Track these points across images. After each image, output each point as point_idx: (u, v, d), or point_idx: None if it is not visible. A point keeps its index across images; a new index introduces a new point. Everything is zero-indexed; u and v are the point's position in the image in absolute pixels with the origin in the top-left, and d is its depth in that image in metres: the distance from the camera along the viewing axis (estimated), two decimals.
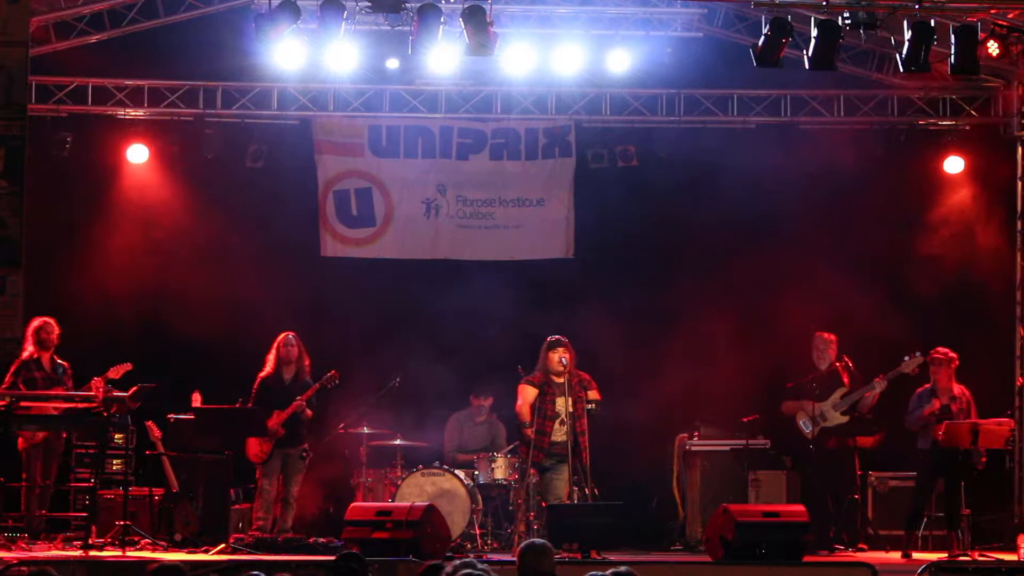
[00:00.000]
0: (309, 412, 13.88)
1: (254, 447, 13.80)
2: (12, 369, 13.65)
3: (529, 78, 15.45)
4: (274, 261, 15.81)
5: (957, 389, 13.86)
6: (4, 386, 13.56)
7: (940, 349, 13.94)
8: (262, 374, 14.04)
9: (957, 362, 13.86)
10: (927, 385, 13.92)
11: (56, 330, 13.86)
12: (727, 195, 15.83)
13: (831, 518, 14.19)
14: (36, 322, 13.75)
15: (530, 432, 13.62)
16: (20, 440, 13.68)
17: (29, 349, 13.68)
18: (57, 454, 13.92)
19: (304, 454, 13.90)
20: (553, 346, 13.52)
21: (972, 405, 13.85)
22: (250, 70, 15.37)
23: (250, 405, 13.78)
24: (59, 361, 13.91)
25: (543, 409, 13.50)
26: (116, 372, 13.75)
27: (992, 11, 13.40)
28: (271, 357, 14.05)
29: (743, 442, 14.71)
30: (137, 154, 15.97)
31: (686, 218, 16.11)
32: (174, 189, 16.03)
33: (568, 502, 13.17)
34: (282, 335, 14.06)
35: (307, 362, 14.09)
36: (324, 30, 13.21)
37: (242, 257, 15.75)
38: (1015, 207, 15.75)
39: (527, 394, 13.60)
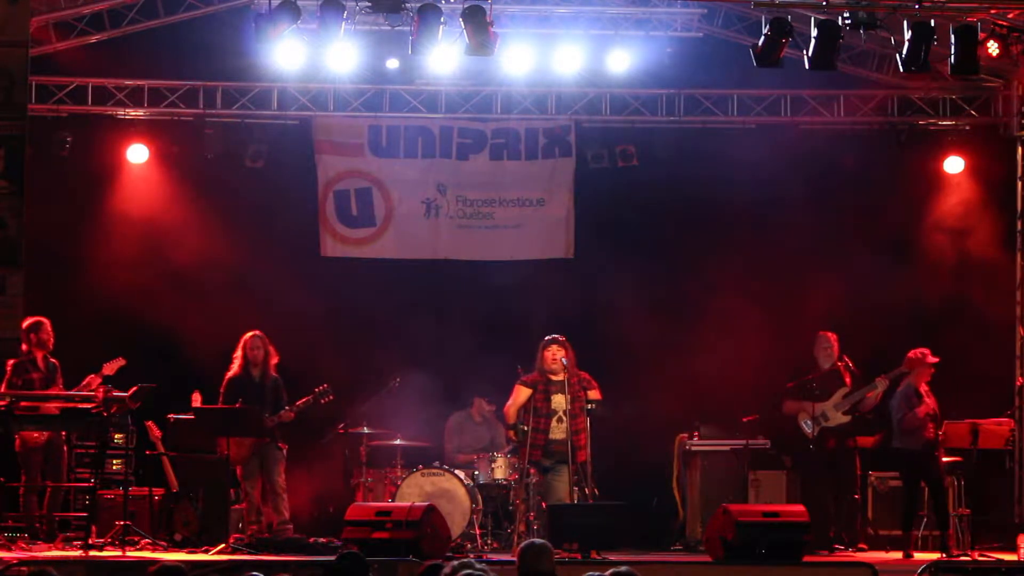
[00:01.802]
0: (292, 415, 13.81)
1: (231, 448, 13.67)
2: (8, 370, 13.63)
3: (529, 78, 15.46)
4: (274, 261, 15.81)
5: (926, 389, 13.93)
6: (3, 386, 13.54)
7: (927, 351, 13.93)
8: (229, 374, 13.92)
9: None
10: (904, 385, 13.91)
11: (50, 329, 13.82)
12: (727, 195, 15.86)
13: (831, 518, 14.18)
14: (28, 321, 13.71)
15: (512, 434, 13.65)
16: (17, 442, 13.65)
17: (22, 348, 13.66)
18: (62, 454, 13.88)
19: (278, 445, 13.81)
20: (547, 345, 13.51)
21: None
22: (250, 70, 15.37)
23: (220, 405, 13.72)
24: (51, 360, 13.89)
25: (537, 407, 13.49)
26: (110, 368, 13.75)
27: (992, 11, 13.40)
28: (237, 356, 13.96)
29: (743, 442, 14.71)
30: (137, 154, 15.97)
31: (686, 218, 16.12)
32: (174, 189, 16.02)
33: (569, 502, 13.17)
34: (248, 335, 13.95)
35: (274, 361, 13.97)
36: (324, 30, 13.21)
37: (242, 257, 15.75)
38: (1015, 207, 15.75)
39: (518, 395, 13.58)
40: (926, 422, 13.74)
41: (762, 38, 13.07)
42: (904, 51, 12.92)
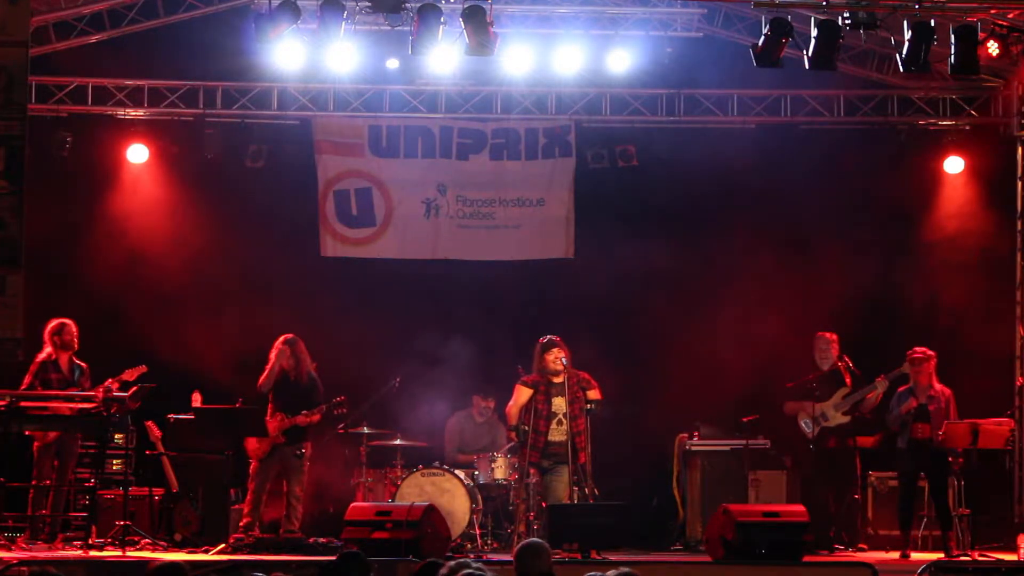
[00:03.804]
0: (315, 417, 13.81)
1: (252, 443, 13.76)
2: (32, 370, 13.64)
3: (529, 78, 15.46)
4: (274, 261, 15.81)
5: (937, 388, 13.86)
6: (23, 387, 13.56)
7: (918, 348, 13.94)
8: (268, 366, 13.96)
9: (935, 360, 13.86)
10: (908, 384, 13.93)
11: (74, 331, 13.82)
12: (727, 195, 15.87)
13: (831, 518, 14.18)
14: (53, 323, 13.76)
15: (514, 436, 13.67)
16: (36, 442, 13.67)
17: (47, 350, 13.69)
18: (73, 455, 13.88)
19: (299, 452, 13.84)
20: (547, 347, 13.49)
21: (952, 404, 13.85)
22: (250, 70, 15.38)
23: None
24: (77, 362, 13.87)
25: (538, 409, 13.48)
26: (131, 374, 13.74)
27: (992, 11, 13.39)
28: (272, 358, 13.98)
29: (743, 442, 14.71)
30: (137, 154, 15.97)
31: (686, 218, 16.11)
32: (174, 189, 16.03)
33: (568, 503, 13.17)
34: (280, 341, 13.95)
35: (311, 368, 13.97)
36: (324, 30, 13.21)
37: (242, 257, 15.76)
38: (1015, 207, 15.75)
39: (519, 396, 13.57)
40: (908, 420, 13.73)
41: (762, 38, 13.06)
42: (904, 51, 12.91)
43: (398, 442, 14.59)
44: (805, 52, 13.06)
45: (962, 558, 13.01)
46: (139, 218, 15.93)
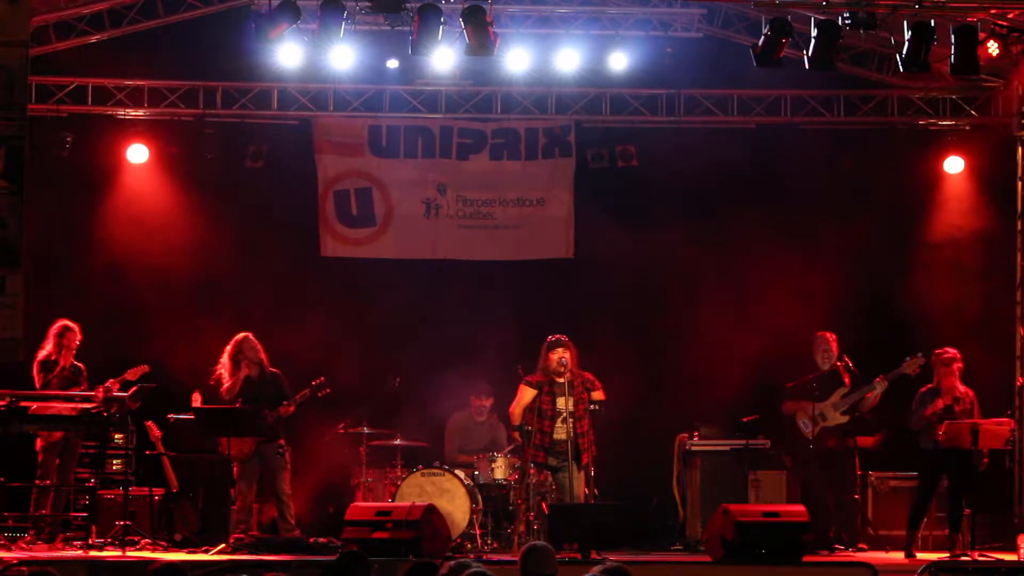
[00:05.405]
0: (291, 409, 13.79)
1: (233, 445, 13.67)
2: (36, 368, 13.66)
3: (529, 78, 15.47)
4: (274, 261, 15.81)
5: (961, 389, 13.82)
6: (38, 386, 13.56)
7: (949, 349, 13.89)
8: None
9: (961, 362, 13.83)
10: (931, 384, 13.90)
11: (78, 335, 13.81)
12: (727, 196, 15.87)
13: (831, 518, 14.18)
14: (58, 325, 13.76)
15: (518, 436, 13.67)
16: (38, 440, 13.66)
17: (47, 349, 13.70)
18: (76, 455, 13.88)
19: (280, 450, 13.81)
20: (552, 347, 13.50)
21: (976, 406, 13.81)
22: (250, 70, 15.38)
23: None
24: (76, 363, 13.88)
25: (543, 409, 13.49)
26: (133, 374, 13.74)
27: (992, 11, 13.39)
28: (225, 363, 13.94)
29: (743, 442, 14.71)
30: (137, 154, 15.96)
31: (686, 218, 16.10)
32: (174, 189, 16.02)
33: (582, 501, 13.17)
34: (239, 337, 13.94)
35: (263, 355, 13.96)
36: (324, 30, 13.21)
37: (242, 257, 15.76)
38: (1015, 207, 15.75)
39: (523, 396, 13.57)
40: (934, 421, 13.69)
41: (762, 38, 13.07)
42: (904, 51, 12.92)
43: (398, 442, 14.59)
44: (805, 52, 13.07)
45: (962, 558, 13.00)
46: (139, 218, 15.90)
